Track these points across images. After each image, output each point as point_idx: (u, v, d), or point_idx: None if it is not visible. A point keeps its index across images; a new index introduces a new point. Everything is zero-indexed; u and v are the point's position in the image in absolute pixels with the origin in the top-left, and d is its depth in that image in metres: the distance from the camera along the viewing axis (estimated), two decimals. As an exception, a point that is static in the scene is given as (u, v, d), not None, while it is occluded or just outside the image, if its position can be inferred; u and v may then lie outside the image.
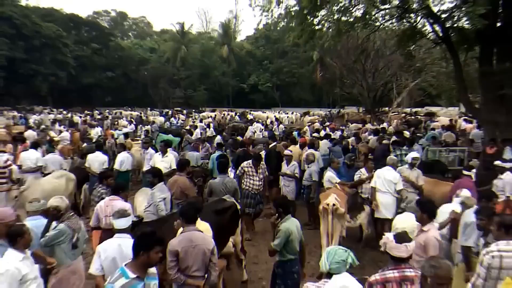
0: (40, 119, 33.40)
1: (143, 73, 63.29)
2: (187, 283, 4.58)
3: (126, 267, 3.64)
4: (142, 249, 3.63)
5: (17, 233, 4.21)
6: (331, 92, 56.99)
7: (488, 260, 4.36)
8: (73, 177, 10.09)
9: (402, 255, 3.77)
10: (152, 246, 3.65)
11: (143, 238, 3.70)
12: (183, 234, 4.70)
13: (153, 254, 3.65)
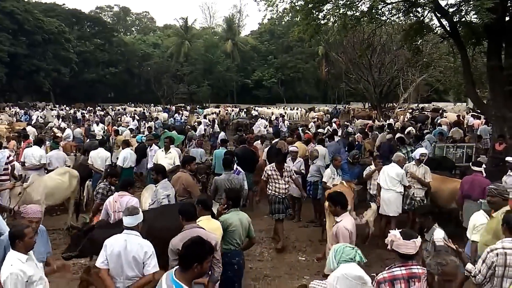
0: (43, 116, 33.49)
1: (146, 68, 63.35)
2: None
3: (178, 280, 3.36)
4: (196, 261, 3.38)
5: (17, 235, 4.09)
6: (337, 88, 56.91)
7: (492, 258, 4.33)
8: (76, 174, 10.00)
9: (410, 252, 3.75)
10: (205, 257, 3.45)
11: (196, 249, 3.44)
12: (185, 231, 4.67)
13: (205, 265, 3.46)
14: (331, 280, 2.41)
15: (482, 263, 4.42)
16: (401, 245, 3.76)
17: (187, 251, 3.46)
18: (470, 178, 7.88)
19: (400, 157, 9.01)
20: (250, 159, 11.10)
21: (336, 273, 2.37)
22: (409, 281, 3.62)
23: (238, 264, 5.52)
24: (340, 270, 2.38)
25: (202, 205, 5.36)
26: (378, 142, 14.70)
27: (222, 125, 29.31)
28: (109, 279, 4.39)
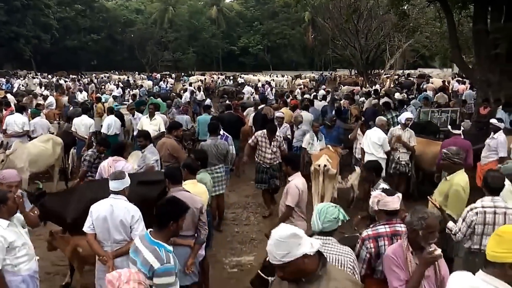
0: (25, 84, 32.80)
1: (129, 35, 61.91)
2: (177, 243, 4.54)
3: (156, 239, 3.36)
4: (172, 219, 3.39)
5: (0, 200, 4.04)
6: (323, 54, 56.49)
7: (472, 217, 4.44)
8: (60, 141, 9.88)
9: (396, 207, 3.83)
10: (181, 215, 3.46)
11: (171, 207, 3.47)
12: (171, 195, 4.63)
13: (181, 223, 3.48)
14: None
15: (462, 221, 4.53)
16: (388, 202, 3.83)
17: (162, 210, 3.47)
18: (452, 141, 7.94)
19: (383, 121, 9.03)
20: (235, 125, 11.06)
21: (271, 241, 2.39)
22: (392, 238, 3.69)
23: (208, 223, 5.53)
24: (272, 237, 2.40)
25: (187, 169, 5.37)
26: (364, 107, 14.75)
27: (208, 92, 29.03)
28: (96, 243, 4.40)
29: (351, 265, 3.35)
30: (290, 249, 2.38)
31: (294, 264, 2.40)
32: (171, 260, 3.31)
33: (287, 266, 2.40)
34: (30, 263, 4.20)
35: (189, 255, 4.62)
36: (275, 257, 2.40)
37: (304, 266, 2.42)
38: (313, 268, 2.46)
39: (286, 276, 2.47)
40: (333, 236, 3.52)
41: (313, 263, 2.46)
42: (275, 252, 2.41)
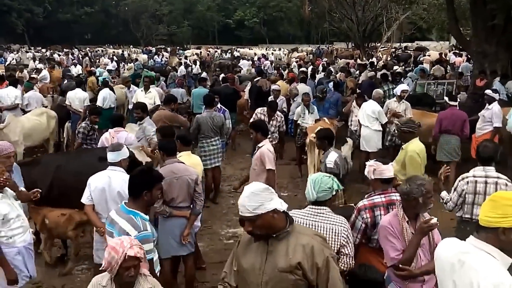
0: (19, 58, 32.43)
1: (123, 8, 60.87)
2: (173, 214, 4.61)
3: (132, 209, 3.38)
4: (144, 188, 3.38)
5: None
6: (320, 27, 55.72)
7: (463, 186, 4.48)
8: (54, 115, 9.83)
9: (391, 175, 3.87)
10: (154, 184, 3.44)
11: (143, 177, 3.47)
12: (166, 166, 4.70)
13: (155, 192, 3.46)
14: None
15: (453, 191, 4.58)
16: (383, 170, 3.84)
17: (135, 179, 3.48)
18: (449, 113, 7.94)
19: (379, 94, 9.01)
20: (231, 98, 11.00)
21: (245, 194, 2.48)
22: (388, 208, 3.70)
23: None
24: (247, 190, 2.48)
25: (181, 141, 5.37)
26: (360, 80, 14.66)
27: (204, 66, 28.77)
28: (93, 214, 4.44)
29: (345, 233, 3.36)
30: (263, 202, 2.45)
31: (264, 218, 2.45)
32: (148, 228, 3.32)
33: (257, 219, 2.44)
34: (25, 235, 4.21)
35: (185, 226, 4.64)
36: (248, 209, 2.44)
37: (273, 221, 2.48)
38: (281, 226, 2.52)
39: (254, 231, 2.48)
40: (327, 206, 3.52)
41: (282, 221, 2.53)
42: (247, 204, 2.45)
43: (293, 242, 2.49)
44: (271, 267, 2.49)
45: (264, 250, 2.53)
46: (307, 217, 3.40)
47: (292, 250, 2.47)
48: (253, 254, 2.58)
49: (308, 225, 3.35)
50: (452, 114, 7.85)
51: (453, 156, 7.83)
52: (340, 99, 10.69)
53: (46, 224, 5.45)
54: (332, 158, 5.25)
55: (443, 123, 7.90)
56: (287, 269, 2.45)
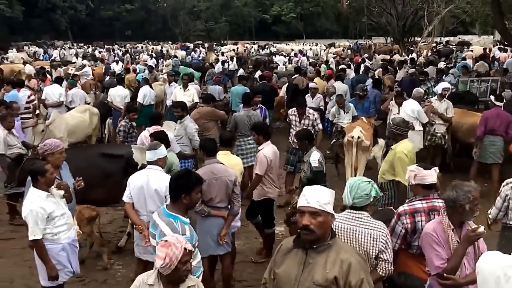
0: (63, 54, 33.52)
1: (162, 5, 61.93)
2: (212, 214, 4.69)
3: (172, 212, 3.43)
4: (183, 192, 3.42)
5: (38, 171, 4.15)
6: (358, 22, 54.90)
7: (506, 191, 4.38)
8: (96, 112, 10.13)
9: (434, 181, 3.76)
10: (193, 188, 3.46)
11: (182, 180, 3.50)
12: (205, 166, 4.79)
13: (194, 195, 3.49)
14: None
15: (498, 197, 4.43)
16: (425, 175, 3.74)
17: (174, 183, 3.53)
18: (494, 113, 7.68)
19: (420, 93, 8.81)
20: (269, 96, 11.02)
21: (316, 188, 2.62)
22: (430, 214, 3.62)
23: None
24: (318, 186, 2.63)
25: (219, 141, 5.42)
26: (399, 77, 14.34)
27: (240, 62, 28.87)
28: (133, 212, 4.57)
29: (384, 239, 3.32)
30: (331, 202, 2.54)
31: (326, 217, 2.50)
32: (187, 232, 3.36)
33: (321, 215, 2.48)
34: (69, 231, 4.37)
35: (223, 226, 4.70)
36: (318, 202, 2.49)
37: (328, 224, 2.53)
38: (327, 234, 2.55)
39: (310, 227, 2.48)
40: (366, 211, 3.49)
41: (329, 228, 2.57)
42: (320, 196, 2.51)
43: (332, 256, 2.49)
44: (307, 279, 2.49)
45: (301, 261, 2.54)
46: (345, 221, 3.39)
47: (331, 264, 2.46)
48: (290, 264, 2.58)
49: (346, 229, 3.35)
50: (497, 114, 7.59)
51: (497, 157, 7.61)
52: (378, 96, 10.51)
53: None
54: (315, 157, 5.36)
55: (488, 123, 7.64)
56: (323, 283, 2.44)
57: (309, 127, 7.70)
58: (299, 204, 2.59)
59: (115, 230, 6.91)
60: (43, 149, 4.71)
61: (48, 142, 4.80)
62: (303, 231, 2.53)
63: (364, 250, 3.28)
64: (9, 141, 6.75)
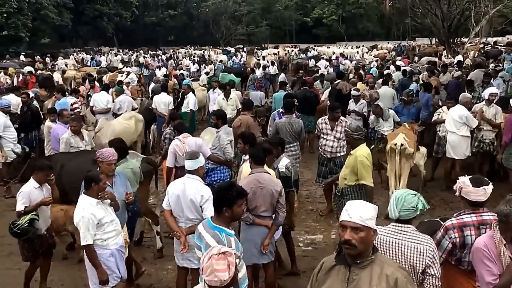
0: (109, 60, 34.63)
1: (204, 10, 62.89)
2: (256, 222, 4.72)
3: (217, 224, 3.49)
4: (225, 204, 3.46)
5: (93, 179, 4.37)
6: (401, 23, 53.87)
7: None
8: (142, 118, 10.42)
9: (480, 199, 3.59)
10: (234, 201, 3.47)
11: (223, 193, 3.51)
12: (252, 175, 4.82)
13: (236, 209, 3.49)
14: None
15: None
16: (470, 192, 3.60)
17: (215, 195, 3.59)
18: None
19: (467, 98, 8.49)
20: (311, 101, 11.01)
21: (360, 202, 2.63)
22: (480, 228, 3.51)
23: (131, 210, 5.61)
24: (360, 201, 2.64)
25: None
26: (445, 80, 13.91)
27: (281, 66, 28.87)
28: (171, 218, 4.66)
29: (431, 253, 3.24)
30: (374, 217, 2.55)
31: (368, 232, 2.51)
32: (233, 244, 3.38)
33: (363, 230, 2.49)
34: (117, 238, 4.55)
35: (266, 235, 4.73)
36: (360, 217, 2.51)
37: (371, 239, 2.54)
38: (369, 249, 2.55)
39: (353, 242, 2.48)
40: (412, 224, 3.43)
41: (371, 243, 2.57)
42: (362, 212, 2.53)
43: (377, 271, 2.47)
44: None
45: (345, 278, 2.53)
46: (391, 235, 3.33)
47: (376, 280, 2.45)
48: (333, 282, 2.57)
49: (391, 243, 3.30)
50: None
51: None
52: (430, 99, 10.26)
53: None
54: (283, 163, 5.43)
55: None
56: None
57: (341, 134, 7.24)
58: (341, 218, 2.60)
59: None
60: (97, 155, 5.00)
61: (103, 151, 5.07)
62: (345, 245, 2.53)
63: (410, 265, 3.22)
64: (72, 142, 7.34)
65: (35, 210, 5.02)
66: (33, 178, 5.11)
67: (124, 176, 5.25)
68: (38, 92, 13.55)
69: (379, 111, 9.22)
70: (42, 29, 47.93)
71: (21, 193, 5.01)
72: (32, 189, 5.05)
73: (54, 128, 8.01)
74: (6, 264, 6.20)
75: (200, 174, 4.70)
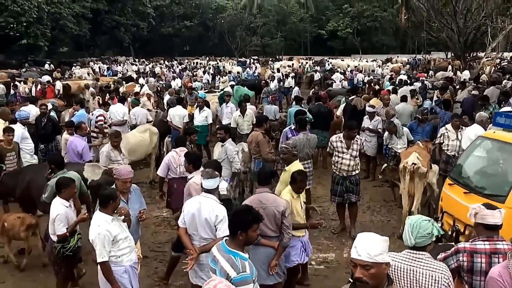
0: (126, 70, 35.04)
1: (220, 21, 63.42)
2: (262, 243, 4.69)
3: (231, 248, 3.46)
4: (239, 228, 3.43)
5: (111, 197, 4.44)
6: (417, 37, 53.71)
7: None
8: (156, 131, 10.50)
9: (497, 222, 3.60)
10: (250, 225, 3.45)
11: (239, 217, 3.50)
12: (255, 195, 4.90)
13: (251, 233, 3.46)
14: None
15: None
16: (487, 215, 3.60)
17: (232, 218, 3.60)
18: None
19: (483, 117, 8.42)
20: (324, 117, 11.02)
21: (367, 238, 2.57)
22: (491, 256, 3.49)
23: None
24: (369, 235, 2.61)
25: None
26: (461, 97, 13.78)
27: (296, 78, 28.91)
28: (185, 236, 4.66)
29: (446, 281, 3.22)
30: (383, 251, 2.54)
31: (379, 267, 2.51)
32: (247, 269, 3.36)
33: (373, 267, 2.50)
34: (131, 254, 4.61)
35: (273, 256, 4.73)
36: (368, 254, 2.51)
37: (383, 273, 2.54)
38: (383, 282, 2.56)
39: (365, 279, 2.50)
40: (426, 250, 3.42)
41: (384, 276, 2.58)
42: (370, 249, 2.52)
43: None
44: None
45: None
46: (406, 262, 3.32)
47: None
48: None
49: (406, 270, 3.28)
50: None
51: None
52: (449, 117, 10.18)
53: (5, 227, 6.25)
54: (224, 186, 5.48)
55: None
56: None
57: (357, 152, 7.33)
58: (351, 255, 2.62)
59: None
60: (113, 172, 5.10)
61: (119, 168, 5.15)
62: (357, 282, 2.56)
63: (425, 292, 3.21)
64: (112, 156, 7.50)
65: (74, 228, 5.10)
66: (60, 197, 5.10)
67: (139, 192, 5.31)
68: (55, 103, 13.76)
69: (392, 128, 9.19)
70: (60, 38, 48.78)
71: (57, 216, 4.97)
72: (66, 209, 5.07)
73: (71, 140, 8.04)
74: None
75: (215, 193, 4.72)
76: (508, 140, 5.87)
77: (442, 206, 6.39)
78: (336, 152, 7.41)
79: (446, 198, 6.31)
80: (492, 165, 6.34)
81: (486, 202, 4.17)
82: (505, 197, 5.27)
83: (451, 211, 6.06)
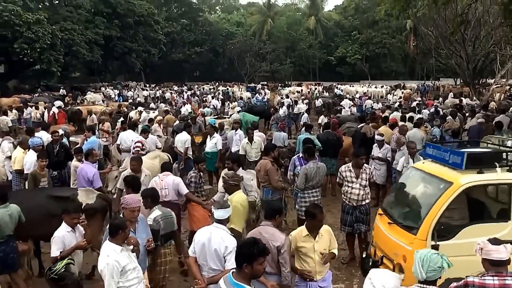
0: (137, 95, 35.46)
1: (229, 47, 64.22)
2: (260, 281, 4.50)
3: (237, 281, 3.46)
4: (245, 261, 3.43)
5: (121, 227, 4.46)
6: (425, 63, 53.94)
7: None
8: (166, 158, 10.52)
9: (503, 257, 3.57)
10: (255, 258, 3.43)
11: (244, 249, 3.50)
12: (258, 227, 4.94)
13: (256, 266, 3.44)
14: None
15: None
16: (491, 250, 3.58)
17: (238, 250, 3.61)
18: None
19: (489, 142, 8.40)
20: (333, 144, 11.02)
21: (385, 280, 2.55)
22: None
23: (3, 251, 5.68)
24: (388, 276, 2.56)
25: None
26: (468, 125, 13.73)
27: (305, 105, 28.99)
28: (195, 266, 4.65)
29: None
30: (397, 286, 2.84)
31: None
32: None
33: None
34: (139, 285, 4.59)
35: None
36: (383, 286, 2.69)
37: None
38: None
39: None
40: (436, 284, 3.40)
41: None
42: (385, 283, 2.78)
43: None
44: None
45: None
46: (415, 297, 3.31)
47: None
48: None
49: (415, 305, 3.26)
50: None
51: None
52: None
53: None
54: (153, 216, 5.55)
55: None
56: None
57: (366, 181, 7.33)
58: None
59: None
60: (121, 201, 5.13)
61: (127, 197, 5.17)
62: None
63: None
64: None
65: (70, 254, 5.13)
66: (64, 222, 5.27)
67: (146, 221, 5.32)
68: (67, 129, 13.90)
69: (414, 146, 9.06)
70: (73, 64, 49.61)
71: (54, 238, 5.12)
72: (65, 233, 5.19)
73: (82, 167, 8.10)
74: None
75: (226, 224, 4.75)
76: (431, 172, 5.96)
77: (373, 236, 6.52)
78: (345, 182, 7.38)
79: (376, 228, 6.44)
80: (414, 196, 6.40)
81: (404, 233, 4.13)
82: (417, 229, 5.34)
83: (377, 241, 6.23)
